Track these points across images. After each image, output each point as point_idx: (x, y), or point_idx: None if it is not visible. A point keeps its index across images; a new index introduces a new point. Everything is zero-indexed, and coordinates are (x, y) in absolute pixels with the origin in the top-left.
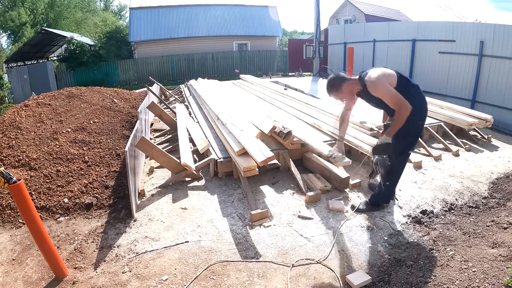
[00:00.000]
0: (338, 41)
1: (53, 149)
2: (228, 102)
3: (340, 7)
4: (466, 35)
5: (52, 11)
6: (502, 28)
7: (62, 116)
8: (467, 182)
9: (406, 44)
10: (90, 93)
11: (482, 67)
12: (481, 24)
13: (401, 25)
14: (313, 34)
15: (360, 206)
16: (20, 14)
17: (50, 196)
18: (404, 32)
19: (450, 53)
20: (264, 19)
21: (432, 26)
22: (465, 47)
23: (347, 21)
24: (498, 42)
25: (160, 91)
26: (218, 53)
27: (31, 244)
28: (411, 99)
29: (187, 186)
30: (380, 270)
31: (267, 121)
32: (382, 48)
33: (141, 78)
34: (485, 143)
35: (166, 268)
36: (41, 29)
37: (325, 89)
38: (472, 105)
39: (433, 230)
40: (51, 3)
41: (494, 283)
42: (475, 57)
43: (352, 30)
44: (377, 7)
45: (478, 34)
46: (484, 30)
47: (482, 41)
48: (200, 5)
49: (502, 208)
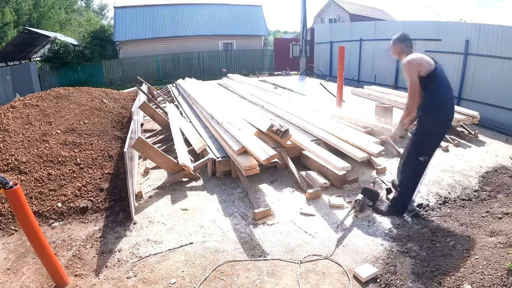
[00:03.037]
0: (324, 40)
1: (43, 152)
2: (221, 101)
3: (325, 7)
4: (451, 35)
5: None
6: (487, 27)
7: (50, 118)
8: (458, 176)
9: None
10: (78, 93)
11: (467, 65)
12: (466, 24)
13: (388, 25)
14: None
15: (383, 209)
16: (4, 13)
17: (43, 201)
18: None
19: (436, 52)
20: (250, 18)
21: (418, 26)
22: (450, 46)
23: (332, 20)
24: (483, 41)
25: (148, 90)
26: (204, 53)
27: (26, 252)
28: (433, 99)
29: (185, 186)
30: (385, 262)
31: (263, 120)
32: (369, 47)
33: (126, 78)
34: (473, 139)
35: (173, 271)
36: (24, 29)
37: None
38: (458, 102)
39: (431, 222)
40: (35, 4)
41: (497, 268)
42: (460, 56)
43: (338, 29)
44: (361, 7)
45: (463, 34)
46: (469, 29)
47: (467, 40)
48: (186, 4)
49: (494, 200)
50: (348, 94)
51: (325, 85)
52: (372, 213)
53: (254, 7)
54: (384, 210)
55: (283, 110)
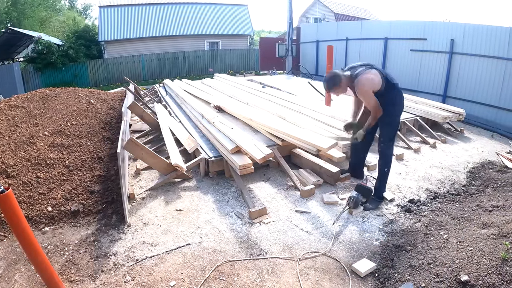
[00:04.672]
0: (311, 39)
1: (30, 154)
2: (211, 101)
3: (310, 6)
4: (437, 34)
5: (16, 10)
6: (471, 27)
7: (37, 119)
8: (447, 172)
9: (378, 42)
10: (65, 94)
11: (452, 64)
12: (451, 24)
13: (374, 24)
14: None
15: (370, 206)
16: None
17: (32, 205)
18: (376, 31)
19: (422, 51)
20: (236, 18)
21: (404, 25)
22: (436, 45)
23: (317, 20)
24: (468, 40)
25: (135, 90)
26: (189, 52)
27: (17, 258)
28: (394, 97)
29: (178, 187)
30: (382, 257)
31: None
32: (355, 46)
33: (111, 79)
34: (459, 135)
35: (171, 273)
36: (8, 29)
37: (324, 86)
38: (444, 100)
39: (423, 217)
40: (14, 1)
41: (492, 258)
42: (445, 55)
43: (324, 29)
44: (346, 6)
45: (448, 33)
46: (455, 29)
47: (453, 40)
48: (171, 4)
49: (483, 194)
50: None
51: (313, 84)
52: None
53: (240, 6)
54: (372, 204)
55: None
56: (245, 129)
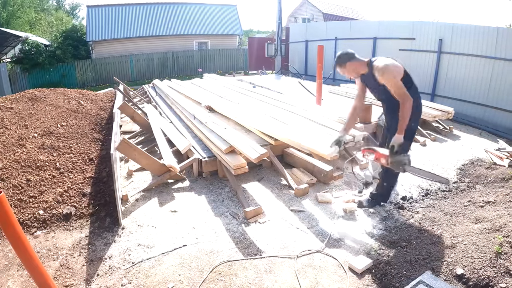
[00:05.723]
0: (300, 39)
1: (20, 157)
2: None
3: (299, 6)
4: (425, 34)
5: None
6: (460, 27)
7: (26, 120)
8: (437, 169)
9: (367, 42)
10: (54, 95)
11: (441, 63)
12: (439, 23)
13: (363, 24)
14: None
15: (364, 204)
16: None
17: (23, 209)
18: (365, 31)
19: (410, 50)
20: (224, 17)
21: (392, 25)
22: (424, 45)
23: (305, 20)
24: (456, 40)
25: (124, 91)
26: (178, 52)
27: (9, 264)
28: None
29: (172, 188)
30: (378, 253)
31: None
32: (344, 46)
33: (99, 79)
34: (448, 133)
35: (169, 275)
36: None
37: (336, 60)
38: (432, 99)
39: (416, 213)
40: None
41: (486, 252)
42: (434, 54)
43: (313, 29)
44: (334, 6)
45: (437, 33)
46: (443, 28)
47: (441, 39)
48: (160, 3)
49: (473, 190)
50: (325, 92)
51: (303, 84)
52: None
53: (229, 6)
54: (369, 204)
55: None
56: (237, 129)
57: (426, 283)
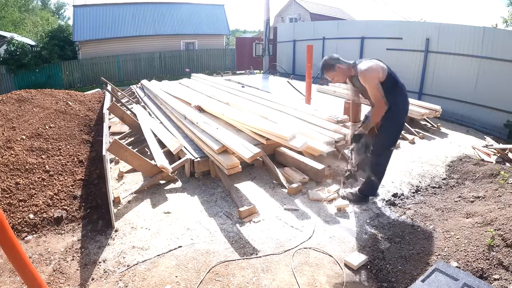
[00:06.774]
0: (287, 39)
1: (8, 159)
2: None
3: (286, 6)
4: (412, 33)
5: None
6: (446, 26)
7: (14, 122)
8: (426, 166)
9: (355, 42)
10: (41, 96)
11: (428, 62)
12: (426, 23)
13: (350, 24)
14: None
15: (350, 197)
16: None
17: (13, 213)
18: (353, 30)
19: (398, 50)
20: (212, 17)
21: (380, 25)
22: (411, 44)
23: (293, 20)
24: (442, 39)
25: (112, 91)
26: (165, 52)
27: (1, 270)
28: (396, 97)
29: (164, 189)
30: (372, 249)
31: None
32: (331, 46)
33: (86, 80)
34: (436, 131)
35: (166, 277)
36: None
37: (320, 67)
38: (419, 97)
39: (407, 210)
40: None
41: (478, 245)
42: (421, 53)
43: (301, 28)
44: (322, 6)
45: (424, 32)
46: (430, 28)
47: (428, 39)
48: (147, 3)
49: (463, 186)
50: (314, 91)
51: (292, 83)
52: (353, 205)
53: (216, 6)
54: (356, 198)
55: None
56: (228, 128)
57: (441, 271)
